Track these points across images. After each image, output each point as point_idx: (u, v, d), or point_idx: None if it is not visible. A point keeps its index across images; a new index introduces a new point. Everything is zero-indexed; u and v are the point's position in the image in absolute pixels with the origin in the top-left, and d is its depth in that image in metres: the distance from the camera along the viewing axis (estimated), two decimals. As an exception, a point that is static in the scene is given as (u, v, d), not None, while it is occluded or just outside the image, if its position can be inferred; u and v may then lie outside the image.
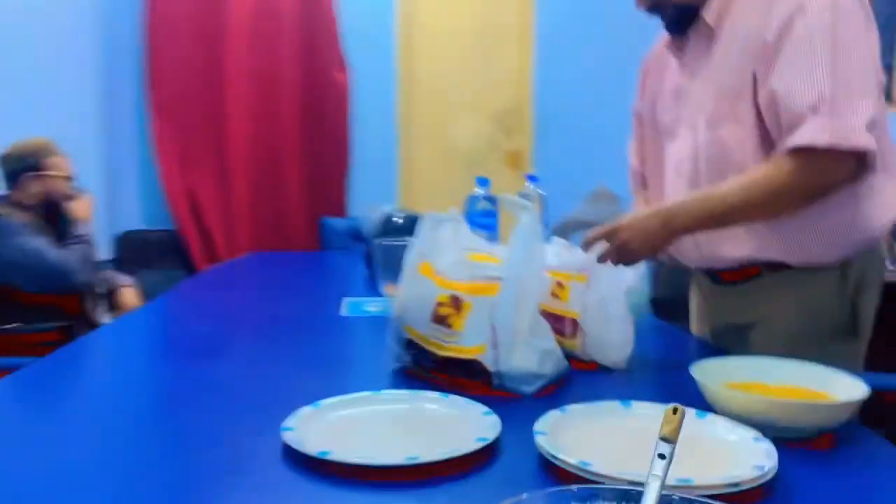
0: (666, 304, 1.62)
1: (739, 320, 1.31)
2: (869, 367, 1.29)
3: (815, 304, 1.24)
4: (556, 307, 1.22)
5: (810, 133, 1.10)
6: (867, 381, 0.93)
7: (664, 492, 0.53)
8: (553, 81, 3.76)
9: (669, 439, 0.56)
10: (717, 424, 0.84)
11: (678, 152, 1.34)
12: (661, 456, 0.55)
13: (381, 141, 3.80)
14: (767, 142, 1.19)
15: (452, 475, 0.77)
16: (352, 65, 3.70)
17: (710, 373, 0.97)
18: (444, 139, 3.81)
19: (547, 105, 3.78)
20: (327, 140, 3.71)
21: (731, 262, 1.26)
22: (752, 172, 1.17)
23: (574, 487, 0.54)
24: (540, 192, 2.01)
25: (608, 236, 1.16)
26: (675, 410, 0.59)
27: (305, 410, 0.91)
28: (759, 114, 1.19)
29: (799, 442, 0.85)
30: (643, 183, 1.52)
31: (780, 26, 1.13)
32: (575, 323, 1.19)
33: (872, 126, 1.10)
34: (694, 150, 1.29)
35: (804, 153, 1.11)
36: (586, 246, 1.18)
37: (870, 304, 1.26)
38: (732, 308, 1.33)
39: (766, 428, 0.84)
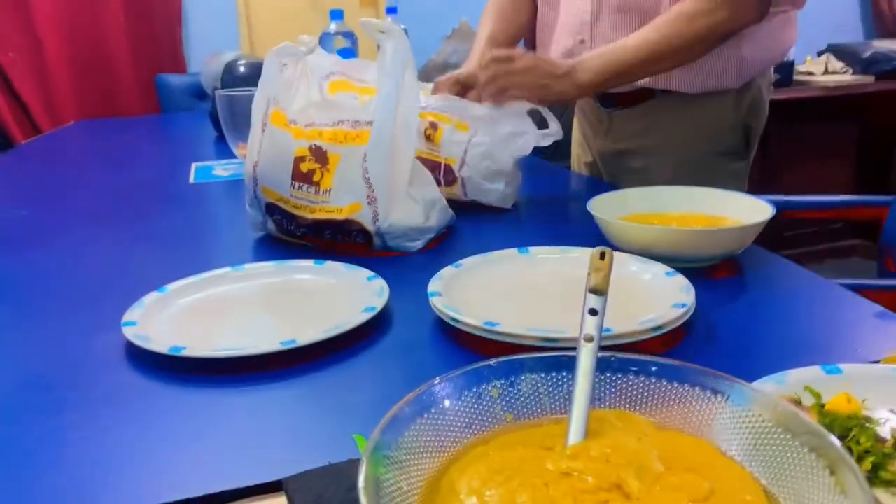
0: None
1: (629, 145, 1.25)
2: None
3: (709, 127, 1.19)
4: (429, 151, 1.08)
5: None
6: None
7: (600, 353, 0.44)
8: None
9: (600, 290, 0.47)
10: (625, 262, 0.76)
11: None
12: (593, 312, 0.45)
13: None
14: None
15: (338, 354, 0.65)
16: None
17: (606, 207, 0.89)
18: (287, -24, 3.40)
19: (399, -67, 3.43)
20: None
21: (628, 87, 1.16)
22: (668, 16, 1.03)
23: (493, 362, 0.44)
24: (402, 26, 1.80)
25: (504, 59, 1.02)
26: (602, 255, 0.49)
27: (150, 298, 0.75)
28: None
29: (703, 271, 0.80)
30: None
31: None
32: (450, 170, 1.06)
33: None
34: None
35: None
36: (479, 70, 1.04)
37: (760, 124, 1.23)
38: (622, 133, 1.25)
39: (671, 259, 0.78)
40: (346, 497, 0.42)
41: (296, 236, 0.95)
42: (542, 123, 1.08)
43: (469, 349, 0.65)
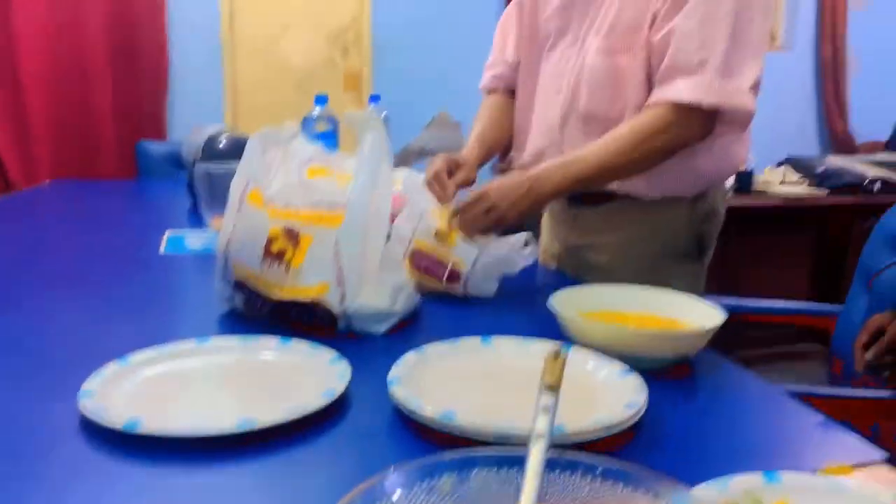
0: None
1: (592, 241, 1.31)
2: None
3: (665, 231, 1.26)
4: (437, 249, 1.12)
5: (695, 90, 1.08)
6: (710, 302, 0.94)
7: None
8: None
9: (553, 389, 0.49)
10: (582, 358, 0.79)
11: (559, 67, 1.27)
12: (545, 410, 0.47)
13: (205, 56, 3.43)
14: (651, 79, 1.16)
15: (295, 437, 0.66)
16: (166, -32, 3.27)
17: (568, 302, 0.92)
18: (274, 56, 3.51)
19: (386, 22, 3.59)
20: (142, 53, 3.29)
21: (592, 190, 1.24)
22: (624, 130, 1.12)
23: (446, 457, 0.45)
24: (383, 113, 1.88)
25: (477, 201, 1.10)
26: (556, 355, 0.52)
27: (110, 368, 0.75)
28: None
29: (656, 372, 0.83)
30: (507, 86, 1.42)
31: None
32: (457, 273, 1.10)
33: (758, 86, 1.12)
34: (579, 70, 1.23)
35: (686, 108, 1.10)
36: (456, 217, 1.11)
37: (714, 231, 1.30)
38: (586, 229, 1.32)
39: (626, 358, 0.80)
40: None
41: (262, 314, 0.96)
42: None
43: (426, 438, 0.66)
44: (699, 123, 1.12)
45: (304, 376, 0.76)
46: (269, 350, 0.83)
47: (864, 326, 1.27)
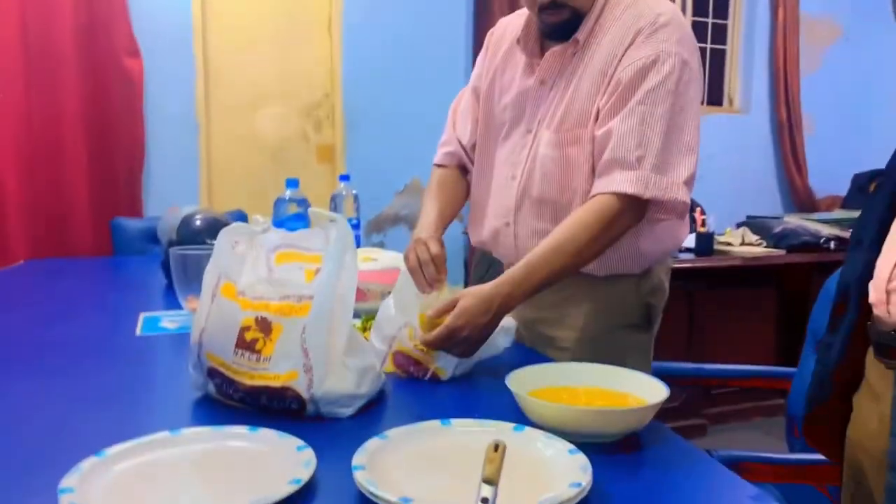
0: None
1: (546, 315, 1.39)
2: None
3: (614, 305, 1.35)
4: (418, 354, 1.16)
5: (635, 184, 1.18)
6: (655, 369, 1.02)
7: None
8: (362, 74, 3.71)
9: (491, 481, 0.55)
10: (532, 438, 0.84)
11: (513, 155, 1.37)
12: (484, 501, 0.53)
13: (181, 133, 3.52)
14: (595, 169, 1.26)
15: (263, 525, 0.70)
16: (145, 50, 3.38)
17: (523, 381, 0.98)
18: (249, 132, 3.62)
19: (357, 98, 3.73)
20: (119, 132, 3.36)
21: None
22: (577, 227, 1.19)
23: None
24: (353, 192, 1.96)
25: (449, 338, 1.11)
26: (496, 447, 0.57)
27: (88, 463, 0.79)
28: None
29: (606, 447, 0.88)
30: (458, 163, 1.51)
31: (635, 73, 1.20)
32: (436, 376, 1.16)
33: (692, 179, 1.22)
34: (532, 159, 1.33)
35: (628, 198, 1.20)
36: (427, 345, 1.13)
37: (660, 304, 1.39)
38: (541, 304, 1.38)
39: (577, 435, 0.86)
40: None
41: (234, 400, 1.01)
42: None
43: (387, 522, 0.70)
44: (639, 211, 1.23)
45: (272, 465, 0.81)
46: (238, 439, 0.87)
47: None
